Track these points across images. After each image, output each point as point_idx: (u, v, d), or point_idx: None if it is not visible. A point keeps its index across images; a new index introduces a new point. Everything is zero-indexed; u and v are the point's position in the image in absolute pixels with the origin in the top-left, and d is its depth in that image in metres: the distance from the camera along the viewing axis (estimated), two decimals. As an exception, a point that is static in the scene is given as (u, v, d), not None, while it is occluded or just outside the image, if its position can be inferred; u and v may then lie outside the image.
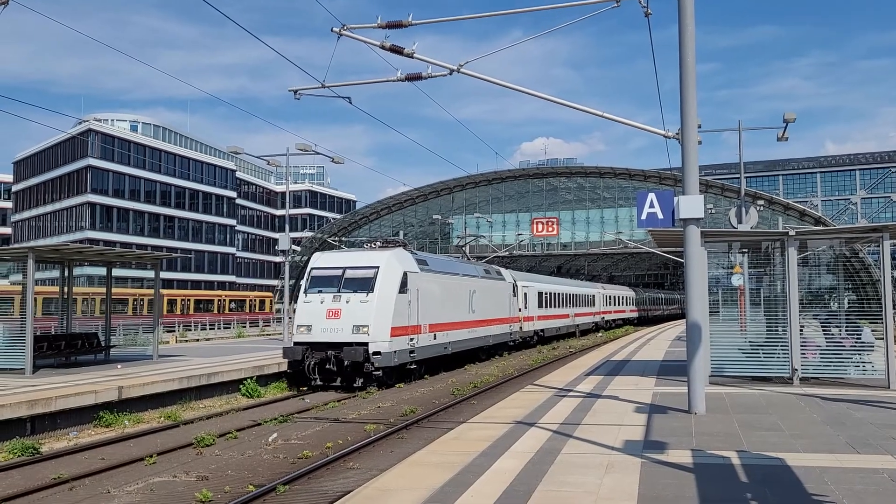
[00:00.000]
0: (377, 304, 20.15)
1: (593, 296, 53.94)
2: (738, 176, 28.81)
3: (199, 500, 9.13)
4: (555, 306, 42.09)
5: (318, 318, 20.33)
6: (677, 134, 11.66)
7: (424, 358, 22.81)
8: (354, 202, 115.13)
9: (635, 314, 69.10)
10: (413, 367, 22.08)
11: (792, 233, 14.29)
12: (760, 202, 42.39)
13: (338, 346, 19.78)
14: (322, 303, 20.47)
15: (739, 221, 23.81)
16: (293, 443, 12.93)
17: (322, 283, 21.03)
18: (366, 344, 19.66)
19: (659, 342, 32.06)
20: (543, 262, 79.89)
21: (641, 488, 6.95)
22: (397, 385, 20.98)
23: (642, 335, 40.49)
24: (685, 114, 11.39)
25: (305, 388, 20.50)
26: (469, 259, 35.01)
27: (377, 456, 11.73)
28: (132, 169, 79.56)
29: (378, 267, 20.80)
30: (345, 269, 21.05)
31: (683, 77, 11.33)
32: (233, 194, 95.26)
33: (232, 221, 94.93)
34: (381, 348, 19.82)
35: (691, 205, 11.26)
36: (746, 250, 17.75)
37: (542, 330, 39.44)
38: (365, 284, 20.48)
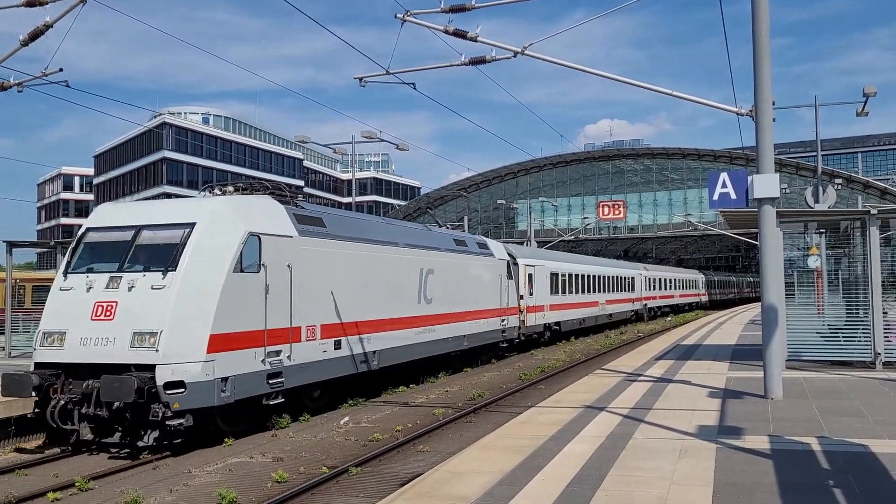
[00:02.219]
0: (180, 291, 11.19)
1: (632, 278, 44.70)
2: (814, 154, 27.79)
3: (276, 480, 9.40)
4: (576, 292, 33.83)
5: (80, 318, 11.34)
6: (750, 111, 11.32)
7: (307, 383, 13.73)
8: (419, 188, 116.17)
9: (703, 297, 66.95)
10: (280, 401, 12.82)
11: (874, 211, 13.73)
12: (838, 180, 40.93)
13: (108, 370, 10.89)
14: (89, 290, 11.51)
15: (816, 201, 23.03)
16: (364, 426, 13.16)
17: (97, 253, 12.20)
18: (152, 368, 10.79)
19: (731, 326, 31.27)
20: (610, 245, 78.97)
21: (717, 474, 6.82)
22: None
23: (713, 319, 39.56)
24: (759, 90, 11.05)
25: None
26: (440, 224, 25.35)
27: (446, 439, 11.84)
28: (204, 160, 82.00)
29: (193, 224, 11.85)
30: (139, 228, 12.11)
31: (757, 51, 10.97)
32: (301, 183, 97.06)
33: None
34: (187, 374, 10.89)
35: (766, 184, 10.93)
36: (824, 231, 17.15)
37: (558, 323, 30.87)
38: (163, 256, 11.58)
